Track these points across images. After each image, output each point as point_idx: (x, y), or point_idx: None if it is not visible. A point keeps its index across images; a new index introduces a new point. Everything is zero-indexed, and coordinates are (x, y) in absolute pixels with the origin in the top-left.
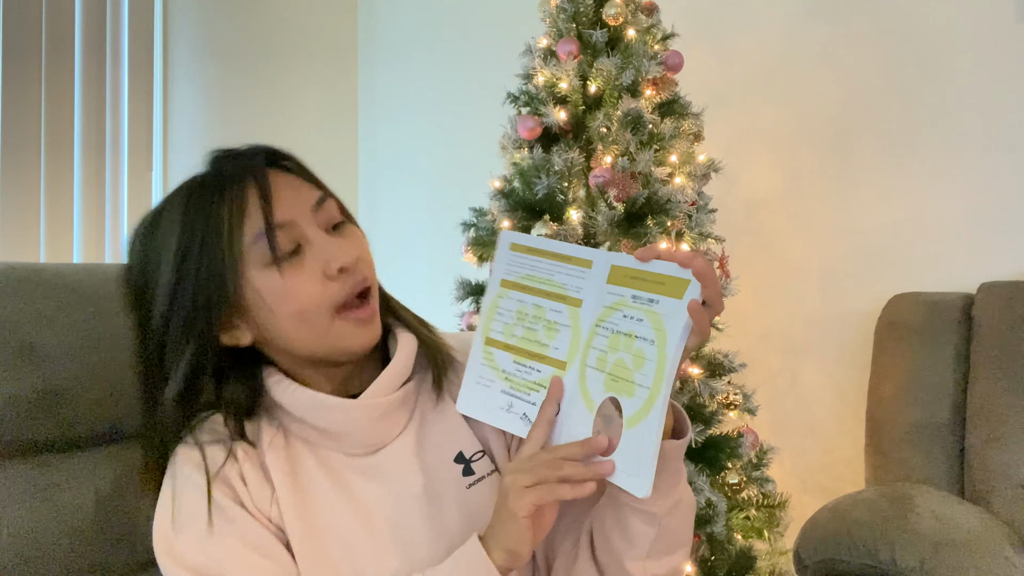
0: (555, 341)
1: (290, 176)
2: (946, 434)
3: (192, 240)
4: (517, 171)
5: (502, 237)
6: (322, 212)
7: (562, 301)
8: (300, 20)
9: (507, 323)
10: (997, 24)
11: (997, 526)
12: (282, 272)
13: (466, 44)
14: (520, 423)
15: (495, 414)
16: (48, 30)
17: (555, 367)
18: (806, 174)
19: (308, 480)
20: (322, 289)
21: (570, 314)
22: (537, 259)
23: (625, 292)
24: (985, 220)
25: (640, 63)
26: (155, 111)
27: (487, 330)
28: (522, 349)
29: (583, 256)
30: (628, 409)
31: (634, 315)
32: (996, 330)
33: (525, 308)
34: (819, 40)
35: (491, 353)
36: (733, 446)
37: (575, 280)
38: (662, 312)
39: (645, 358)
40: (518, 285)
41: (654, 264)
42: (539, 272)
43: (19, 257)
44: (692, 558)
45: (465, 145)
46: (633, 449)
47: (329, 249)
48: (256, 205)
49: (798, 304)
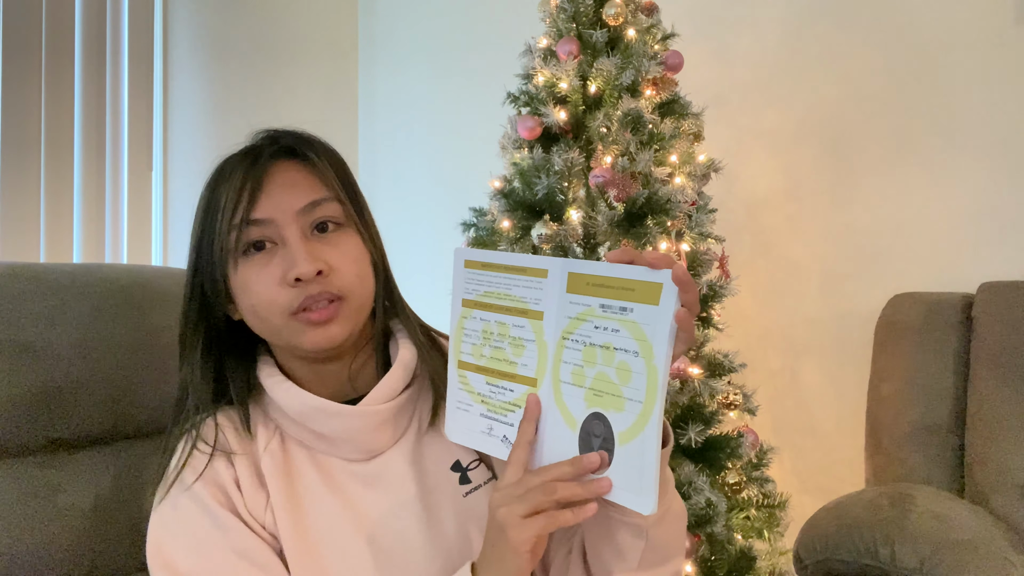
0: (522, 358)
1: (302, 170)
2: (946, 434)
3: (205, 215)
4: (517, 171)
5: (456, 255)
6: (312, 215)
7: (523, 316)
8: (300, 20)
9: (475, 344)
10: (997, 24)
11: (997, 526)
12: (247, 266)
13: (466, 44)
14: (502, 446)
15: (478, 438)
16: (48, 30)
17: (526, 384)
18: (806, 174)
19: (304, 486)
20: (276, 293)
21: (533, 328)
22: (493, 274)
23: (591, 301)
24: (985, 220)
25: (640, 63)
26: (155, 111)
27: (457, 353)
28: (493, 369)
29: (537, 266)
30: (619, 424)
31: (607, 325)
32: (996, 330)
33: (489, 327)
34: (819, 40)
35: (465, 376)
36: (733, 446)
37: (533, 292)
38: (640, 321)
39: (631, 371)
40: (479, 303)
41: (617, 269)
42: (497, 287)
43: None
44: (692, 558)
45: (465, 145)
46: (631, 465)
47: (294, 256)
48: (246, 195)
49: (798, 304)
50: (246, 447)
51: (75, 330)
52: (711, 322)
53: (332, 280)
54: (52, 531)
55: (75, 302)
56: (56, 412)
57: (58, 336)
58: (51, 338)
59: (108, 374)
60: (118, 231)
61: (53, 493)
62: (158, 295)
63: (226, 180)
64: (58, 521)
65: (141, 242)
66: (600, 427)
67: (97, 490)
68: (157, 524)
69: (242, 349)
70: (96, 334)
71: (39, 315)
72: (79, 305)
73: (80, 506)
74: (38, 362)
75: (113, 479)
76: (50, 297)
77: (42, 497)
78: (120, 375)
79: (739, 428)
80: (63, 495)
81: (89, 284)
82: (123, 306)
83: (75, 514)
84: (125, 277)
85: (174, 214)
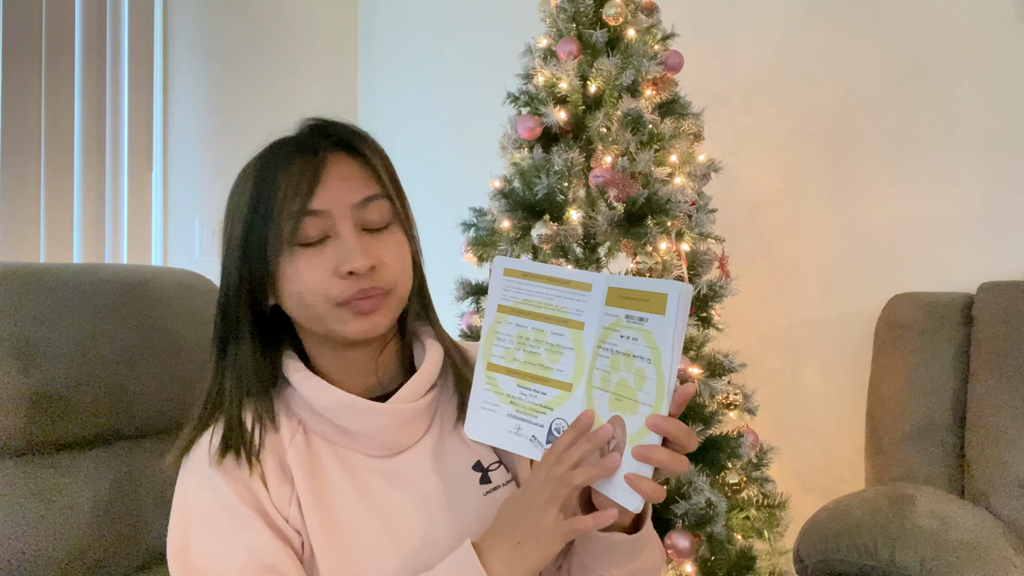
0: (559, 364)
1: (356, 164)
2: (946, 434)
3: (257, 202)
4: (517, 171)
5: (496, 264)
6: (365, 210)
7: (564, 324)
8: (300, 20)
9: (508, 348)
10: (997, 24)
11: (997, 526)
12: (300, 255)
13: (466, 44)
14: (529, 445)
15: (504, 437)
16: (48, 30)
17: (561, 389)
18: (806, 174)
19: (328, 480)
20: (328, 284)
21: (573, 337)
22: (534, 283)
23: (620, 312)
24: (985, 220)
25: (640, 63)
26: (155, 111)
27: (488, 355)
28: (525, 373)
29: (583, 280)
30: (632, 426)
31: (629, 335)
32: (996, 330)
33: (525, 332)
34: (819, 40)
35: (494, 378)
36: (733, 446)
37: (575, 303)
38: (653, 330)
39: (645, 376)
40: (516, 310)
41: (639, 282)
42: (537, 296)
43: (19, 257)
44: (692, 558)
45: (465, 145)
46: (635, 465)
47: (348, 249)
48: (305, 185)
49: (798, 304)
50: (272, 440)
51: (75, 330)
52: (711, 322)
53: (382, 275)
54: (52, 531)
55: (75, 302)
56: (56, 412)
57: (58, 336)
58: (51, 338)
59: (108, 374)
60: (118, 231)
61: (53, 493)
62: (158, 295)
63: (282, 168)
64: (58, 521)
65: (141, 242)
66: (618, 431)
67: (97, 490)
68: (177, 519)
69: (267, 341)
70: (96, 334)
71: (39, 315)
72: (79, 305)
73: (80, 506)
74: (38, 362)
75: (113, 479)
76: (50, 297)
77: (42, 497)
78: (120, 375)
79: (739, 428)
80: (63, 495)
81: (89, 284)
82: (123, 306)
83: (75, 514)
84: (125, 277)
85: (174, 214)
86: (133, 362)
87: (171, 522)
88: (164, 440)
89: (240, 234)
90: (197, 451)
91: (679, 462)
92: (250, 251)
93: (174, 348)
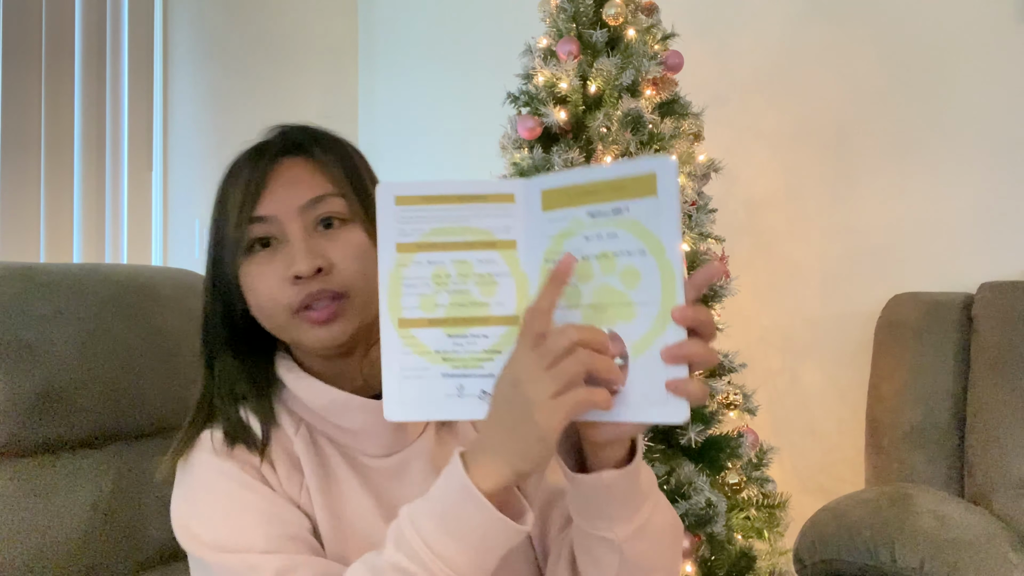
0: (496, 296)
1: (308, 165)
2: (946, 434)
3: (217, 213)
4: (517, 171)
5: (381, 192)
6: (313, 210)
7: (491, 248)
8: (300, 21)
9: (424, 294)
10: (997, 24)
11: (997, 526)
12: (252, 264)
13: (466, 44)
14: (479, 404)
15: (443, 405)
16: (48, 30)
17: (506, 324)
18: (806, 174)
19: (334, 472)
20: (279, 291)
21: (506, 259)
22: (439, 207)
23: (575, 213)
24: (985, 220)
25: (640, 63)
26: (155, 111)
27: (396, 310)
28: (455, 318)
29: (501, 191)
30: (632, 335)
31: (601, 233)
32: (996, 330)
33: (443, 269)
34: (819, 40)
35: (412, 336)
36: (733, 446)
37: (499, 220)
38: (640, 217)
39: (639, 272)
40: (423, 245)
41: (597, 171)
42: (447, 222)
43: (19, 257)
44: (692, 558)
45: (465, 145)
46: (653, 374)
47: (295, 253)
48: (252, 191)
49: (798, 304)
50: (277, 434)
51: (75, 330)
52: None
53: (333, 277)
54: (52, 531)
55: (75, 302)
56: (56, 412)
57: (58, 336)
58: (51, 338)
59: (108, 374)
60: (118, 231)
61: (53, 493)
62: (158, 295)
63: (234, 177)
64: (58, 521)
65: (141, 242)
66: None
67: (97, 490)
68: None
69: (260, 345)
70: (96, 334)
71: (39, 315)
72: (79, 305)
73: (80, 506)
74: (38, 362)
75: (113, 479)
76: (50, 297)
77: (42, 497)
78: (120, 375)
79: (739, 428)
80: (63, 495)
81: (89, 284)
82: (123, 306)
83: (75, 514)
84: (125, 277)
85: (174, 214)
86: (133, 362)
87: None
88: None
89: (208, 245)
90: (200, 447)
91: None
92: (217, 262)
93: (174, 348)
